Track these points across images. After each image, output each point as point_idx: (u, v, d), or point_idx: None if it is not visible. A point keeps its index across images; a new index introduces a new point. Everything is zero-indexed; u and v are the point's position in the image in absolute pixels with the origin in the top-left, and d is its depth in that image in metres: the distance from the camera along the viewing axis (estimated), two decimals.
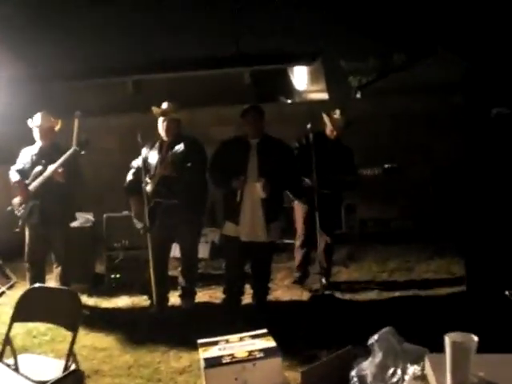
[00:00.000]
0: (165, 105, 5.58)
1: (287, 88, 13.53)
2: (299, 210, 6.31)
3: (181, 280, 5.83)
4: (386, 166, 5.86)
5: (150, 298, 5.73)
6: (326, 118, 6.14)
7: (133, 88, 11.28)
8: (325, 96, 14.80)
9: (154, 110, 5.57)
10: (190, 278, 5.82)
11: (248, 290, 5.86)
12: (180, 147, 5.19)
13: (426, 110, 8.81)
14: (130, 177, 5.71)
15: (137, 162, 5.69)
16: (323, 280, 6.15)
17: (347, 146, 6.22)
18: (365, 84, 12.34)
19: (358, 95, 12.16)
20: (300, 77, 13.63)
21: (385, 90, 10.45)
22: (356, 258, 7.38)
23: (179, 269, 5.91)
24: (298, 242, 6.44)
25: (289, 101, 13.34)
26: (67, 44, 10.65)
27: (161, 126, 5.53)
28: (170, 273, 6.06)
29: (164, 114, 5.51)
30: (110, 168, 8.65)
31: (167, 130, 5.51)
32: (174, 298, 5.89)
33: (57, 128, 5.93)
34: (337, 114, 6.16)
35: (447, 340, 2.31)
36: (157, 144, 5.62)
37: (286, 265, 7.09)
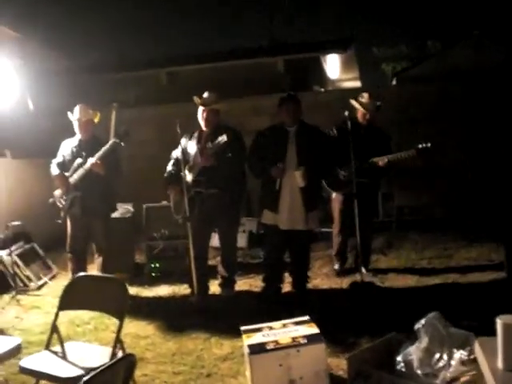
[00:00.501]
0: (206, 94, 5.59)
1: (320, 77, 13.46)
2: (337, 199, 6.29)
3: (220, 269, 5.87)
4: (420, 146, 5.79)
5: (191, 286, 5.77)
6: (355, 103, 6.11)
7: (167, 79, 11.34)
8: (358, 84, 14.71)
9: (195, 99, 5.58)
10: (230, 267, 5.85)
11: (287, 278, 5.87)
12: (222, 138, 5.19)
13: (463, 96, 8.67)
14: (169, 167, 5.75)
15: (176, 153, 5.72)
16: (362, 269, 6.12)
17: (381, 130, 6.17)
18: (400, 71, 12.20)
19: (394, 82, 12.04)
20: (333, 65, 13.53)
21: (420, 77, 10.33)
22: (394, 246, 7.32)
23: (218, 258, 5.95)
24: (335, 231, 6.42)
25: (322, 89, 13.27)
26: (101, 36, 10.75)
27: (200, 115, 5.55)
28: (210, 262, 6.10)
29: (205, 103, 5.53)
30: (148, 159, 8.75)
31: (207, 120, 5.53)
32: (214, 287, 5.93)
33: (96, 120, 6.00)
34: (365, 97, 6.11)
35: (499, 322, 2.28)
36: (195, 134, 5.64)
37: (325, 253, 7.09)
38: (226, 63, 11.07)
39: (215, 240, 6.09)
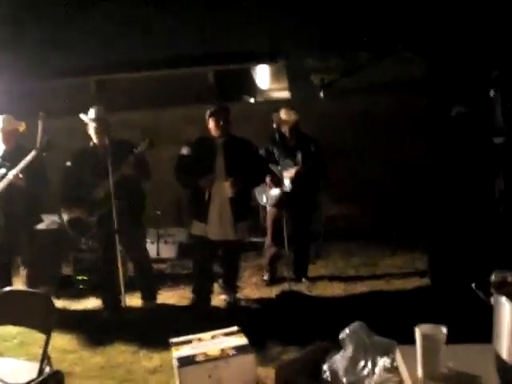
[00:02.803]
0: (91, 111, 5.51)
1: (250, 87, 13.58)
2: (269, 210, 6.40)
3: (137, 281, 5.85)
4: (339, 150, 6.03)
5: (103, 301, 5.76)
6: (275, 117, 6.22)
7: (95, 88, 11.18)
8: (287, 95, 14.89)
9: (82, 116, 5.52)
10: (147, 279, 5.84)
11: (216, 289, 5.91)
12: (141, 147, 5.19)
13: (389, 109, 8.93)
14: (67, 183, 5.59)
15: (71, 170, 5.58)
16: (303, 279, 6.37)
17: (309, 136, 6.30)
18: (328, 83, 12.44)
19: (321, 94, 12.26)
20: (262, 75, 13.69)
21: (348, 90, 10.57)
22: (322, 254, 7.46)
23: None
24: (267, 241, 6.51)
25: (252, 100, 13.39)
26: (27, 38, 10.49)
27: (92, 130, 5.50)
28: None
29: (92, 120, 5.46)
30: None
31: (98, 134, 5.45)
32: (137, 299, 5.91)
33: (21, 130, 5.88)
34: (282, 111, 6.21)
35: (417, 332, 2.39)
36: (89, 148, 5.56)
37: (254, 263, 7.15)
38: (156, 72, 11.02)
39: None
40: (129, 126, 5.61)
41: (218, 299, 5.87)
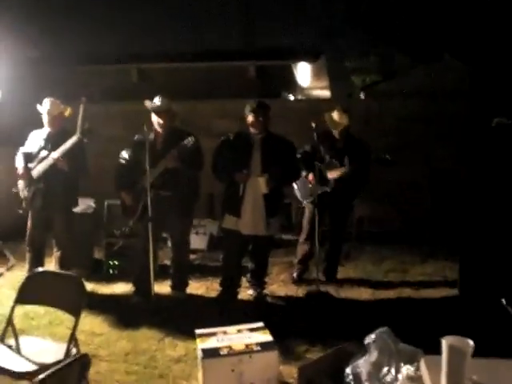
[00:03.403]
0: (157, 101, 5.55)
1: (291, 84, 13.56)
2: (306, 206, 6.42)
3: (171, 270, 5.92)
4: (382, 156, 5.97)
5: (135, 286, 5.82)
6: (326, 117, 6.19)
7: (137, 76, 11.30)
8: (327, 93, 14.84)
9: (147, 104, 5.59)
10: (181, 269, 5.89)
11: (244, 283, 5.94)
12: (189, 140, 5.23)
13: (428, 115, 8.86)
14: (121, 169, 5.73)
15: (128, 154, 5.70)
16: (321, 277, 6.31)
17: (359, 140, 6.31)
18: (369, 84, 12.37)
19: (362, 95, 12.19)
20: (304, 73, 13.65)
21: (389, 93, 10.49)
22: (352, 256, 7.44)
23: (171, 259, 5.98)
24: (301, 238, 6.52)
25: (292, 97, 13.37)
26: (73, 28, 10.66)
27: (155, 120, 5.55)
28: (166, 262, 6.19)
29: (156, 110, 5.53)
30: (113, 156, 8.68)
31: (161, 125, 5.52)
32: (166, 287, 5.97)
33: (66, 114, 5.99)
34: (335, 112, 6.18)
35: (444, 343, 2.37)
36: (151, 135, 5.63)
37: (283, 260, 7.16)
38: (196, 64, 11.08)
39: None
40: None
41: (245, 294, 5.91)
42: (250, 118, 5.48)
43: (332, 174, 6.09)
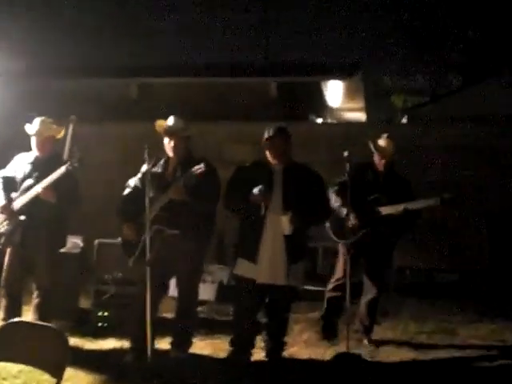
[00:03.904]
0: (171, 121, 5.60)
1: (319, 104, 13.64)
2: (341, 248, 6.39)
3: (175, 324, 5.88)
4: (446, 195, 5.95)
5: (132, 341, 5.76)
6: (371, 146, 6.22)
7: (138, 92, 11.42)
8: (362, 116, 14.90)
9: (158, 125, 5.63)
10: (186, 323, 5.85)
11: (259, 342, 5.88)
12: (199, 167, 5.23)
13: (484, 143, 8.83)
14: (125, 199, 5.76)
15: (134, 182, 5.76)
16: (365, 341, 6.30)
17: (402, 177, 6.35)
18: (412, 106, 12.41)
19: (404, 119, 12.22)
20: (334, 92, 13.74)
21: (435, 117, 10.51)
22: (390, 313, 7.38)
23: (175, 311, 5.94)
24: (330, 286, 6.48)
25: (320, 120, 13.44)
26: (65, 37, 10.85)
27: (167, 144, 5.59)
28: (164, 314, 6.14)
29: (170, 133, 5.57)
30: (107, 185, 8.74)
31: (175, 149, 5.55)
32: (165, 344, 5.92)
33: (59, 136, 6.02)
34: (383, 139, 6.25)
35: None
36: (161, 161, 5.66)
37: (307, 316, 7.12)
38: (208, 79, 11.20)
39: (174, 290, 6.12)
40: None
41: (260, 356, 5.84)
42: (268, 147, 5.49)
43: (386, 210, 6.07)
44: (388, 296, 7.52)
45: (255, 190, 5.26)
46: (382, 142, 6.24)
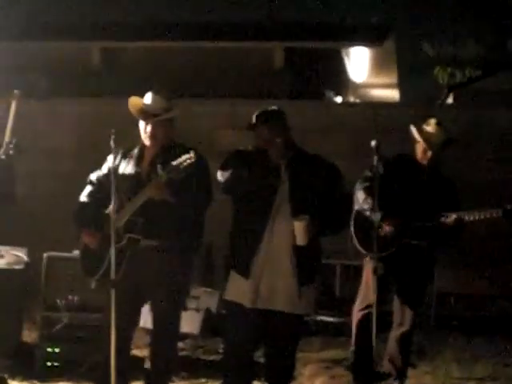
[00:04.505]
0: (149, 98, 5.55)
1: (338, 79, 13.67)
2: (369, 264, 6.36)
3: (149, 365, 5.88)
4: (509, 206, 5.93)
5: None
6: (415, 132, 6.22)
7: (101, 60, 11.43)
8: (394, 95, 14.92)
9: (132, 104, 5.60)
10: (163, 364, 5.84)
11: None
12: (186, 158, 5.18)
13: None
14: (84, 198, 5.70)
15: (98, 176, 5.73)
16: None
17: (447, 178, 6.36)
18: (461, 83, 12.47)
19: (450, 99, 12.24)
20: (359, 63, 13.78)
21: (491, 95, 10.52)
22: (429, 353, 7.39)
23: (149, 348, 5.95)
24: (357, 309, 6.47)
25: (339, 98, 13.48)
26: None
27: (143, 128, 5.56)
28: (135, 351, 6.13)
29: (147, 115, 5.54)
30: (60, 179, 8.72)
31: (153, 137, 5.54)
32: None
33: None
34: (431, 125, 6.23)
35: None
36: (135, 150, 5.64)
37: (320, 355, 7.13)
38: (193, 43, 11.21)
39: (148, 319, 6.11)
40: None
41: None
42: (257, 137, 5.43)
43: (451, 218, 6.06)
44: (426, 330, 7.56)
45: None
46: (429, 128, 6.21)
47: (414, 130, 6.21)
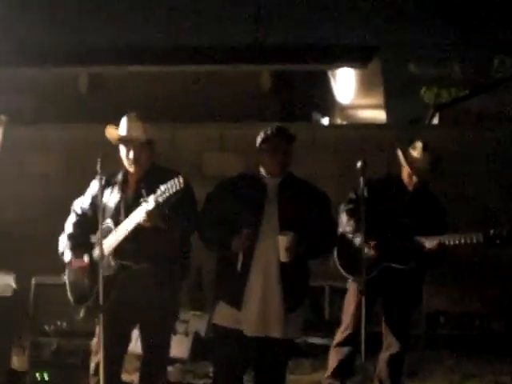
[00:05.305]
0: (124, 124, 5.52)
1: (325, 100, 13.69)
2: (352, 287, 6.35)
3: None
4: (492, 231, 5.90)
5: None
6: (401, 157, 6.21)
7: (88, 85, 11.43)
8: (381, 115, 14.96)
9: (109, 133, 5.57)
10: None
11: None
12: (175, 183, 5.14)
13: None
14: (70, 228, 5.68)
15: (82, 204, 5.71)
16: None
17: (437, 200, 6.37)
18: (447, 102, 12.49)
19: (436, 120, 12.27)
20: (345, 85, 13.81)
21: (479, 115, 10.54)
22: (420, 373, 7.36)
23: (138, 373, 5.90)
24: (338, 338, 6.45)
25: (326, 120, 13.49)
26: None
27: (124, 155, 5.52)
28: (126, 377, 6.06)
29: (126, 141, 5.50)
30: (49, 203, 8.68)
31: (136, 161, 5.49)
32: None
33: None
34: (417, 149, 6.22)
35: None
36: (119, 177, 5.61)
37: (312, 377, 7.10)
38: (181, 67, 11.22)
39: (138, 343, 6.05)
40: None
41: None
42: (264, 153, 5.42)
43: (432, 243, 6.05)
44: (416, 350, 7.52)
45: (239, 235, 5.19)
46: (415, 153, 6.20)
47: (400, 154, 6.20)
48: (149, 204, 5.11)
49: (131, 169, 5.51)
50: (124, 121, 5.51)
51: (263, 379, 5.66)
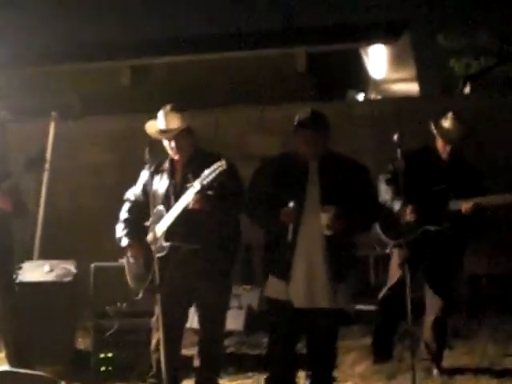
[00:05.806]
0: (161, 118, 5.61)
1: (359, 77, 13.63)
2: (395, 256, 6.38)
3: (197, 363, 5.90)
4: None
5: None
6: (433, 128, 6.22)
7: (131, 77, 11.47)
8: (414, 88, 14.85)
9: (149, 128, 5.67)
10: (211, 361, 5.86)
11: (302, 378, 5.89)
12: (218, 166, 5.18)
13: None
14: (125, 214, 5.81)
15: (135, 193, 5.84)
16: (434, 370, 6.23)
17: (472, 166, 6.37)
18: (477, 73, 12.37)
19: (467, 89, 12.16)
20: (378, 60, 13.72)
21: (509, 82, 10.45)
22: (464, 334, 7.36)
23: (196, 347, 5.97)
24: (382, 293, 6.52)
25: (361, 96, 13.43)
26: (40, 14, 10.93)
27: (167, 145, 5.61)
28: (183, 351, 6.11)
29: (166, 133, 5.58)
30: (102, 192, 8.73)
31: (178, 149, 5.58)
32: None
33: None
34: (449, 120, 6.22)
35: None
36: (166, 164, 5.69)
37: (360, 342, 7.14)
38: (218, 54, 11.22)
39: (195, 319, 6.11)
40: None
41: None
42: (299, 136, 5.43)
43: (468, 204, 6.06)
44: (460, 312, 7.50)
45: (287, 207, 5.21)
46: (446, 124, 6.19)
47: (432, 126, 6.21)
48: (195, 188, 5.20)
49: (176, 157, 5.60)
50: (161, 114, 5.60)
51: (315, 347, 5.69)
